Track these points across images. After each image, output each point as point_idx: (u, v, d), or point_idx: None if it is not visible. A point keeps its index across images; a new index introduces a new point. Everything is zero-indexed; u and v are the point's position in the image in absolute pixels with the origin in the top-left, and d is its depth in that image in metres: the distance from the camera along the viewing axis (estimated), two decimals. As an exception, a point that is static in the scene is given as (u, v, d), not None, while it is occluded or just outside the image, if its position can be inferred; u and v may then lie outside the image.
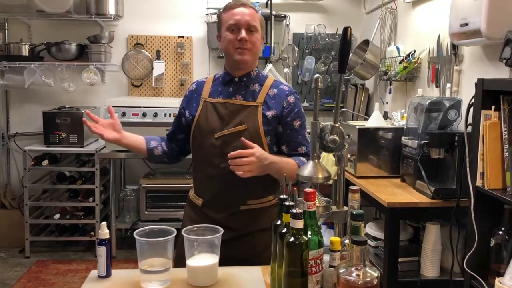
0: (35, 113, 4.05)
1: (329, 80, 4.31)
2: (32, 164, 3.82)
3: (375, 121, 2.85)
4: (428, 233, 2.32)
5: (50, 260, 3.81)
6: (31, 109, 4.19)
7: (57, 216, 3.87)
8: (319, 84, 1.33)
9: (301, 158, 1.77)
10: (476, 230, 1.74)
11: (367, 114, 3.85)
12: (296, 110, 1.79)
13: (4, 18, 4.12)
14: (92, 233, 3.85)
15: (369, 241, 2.70)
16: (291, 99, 1.79)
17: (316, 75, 1.35)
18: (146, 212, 3.85)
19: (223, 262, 1.48)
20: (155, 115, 3.70)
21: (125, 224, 3.92)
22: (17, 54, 3.98)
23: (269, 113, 1.75)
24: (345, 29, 1.26)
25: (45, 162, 3.82)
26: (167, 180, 3.86)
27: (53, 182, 3.98)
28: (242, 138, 1.64)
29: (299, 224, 1.13)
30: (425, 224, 2.38)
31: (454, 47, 2.58)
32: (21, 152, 3.89)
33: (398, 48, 3.18)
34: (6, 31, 4.16)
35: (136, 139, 1.86)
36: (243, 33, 1.71)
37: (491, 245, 1.73)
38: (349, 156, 2.76)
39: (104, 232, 1.40)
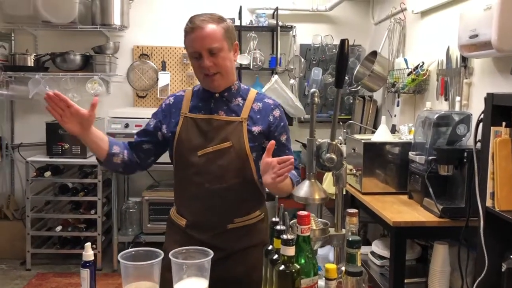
0: (39, 123, 4.02)
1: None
2: (35, 175, 3.79)
3: (381, 135, 2.75)
4: (436, 253, 2.22)
5: (51, 272, 3.75)
6: (35, 120, 4.17)
7: (59, 228, 3.83)
8: (316, 99, 1.26)
9: (293, 171, 1.66)
10: (486, 254, 1.64)
11: (375, 126, 3.76)
12: (282, 124, 1.71)
13: (11, 29, 4.12)
14: (94, 246, 3.79)
15: (375, 260, 2.61)
16: (276, 113, 1.71)
17: (312, 90, 1.28)
18: (148, 225, 3.79)
19: (213, 284, 1.40)
20: (159, 126, 3.63)
21: (128, 237, 3.85)
22: (22, 64, 3.98)
23: (255, 129, 1.66)
24: (342, 42, 1.19)
25: (48, 174, 3.78)
26: (170, 193, 3.71)
27: (55, 193, 3.93)
28: (271, 144, 1.50)
29: (290, 251, 1.05)
30: (433, 243, 2.27)
31: (464, 59, 2.49)
32: (25, 163, 3.86)
33: (406, 60, 3.09)
34: (12, 41, 4.17)
35: (99, 139, 1.63)
36: (205, 61, 1.58)
37: (503, 270, 1.63)
38: (354, 171, 2.67)
39: (88, 253, 1.33)
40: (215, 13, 1.66)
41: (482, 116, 1.70)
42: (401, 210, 2.29)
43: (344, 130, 3.51)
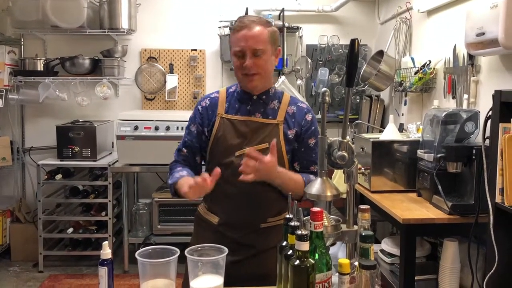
0: (49, 127, 4.07)
1: (343, 91, 4.25)
2: (46, 178, 3.84)
3: (389, 133, 2.77)
4: (446, 250, 2.23)
5: (63, 274, 3.79)
6: (45, 124, 4.22)
7: (70, 230, 3.88)
8: (326, 98, 1.28)
9: (310, 175, 1.70)
10: (496, 249, 1.65)
11: (383, 126, 3.78)
12: (312, 128, 1.75)
13: (20, 34, 4.18)
14: (105, 248, 3.82)
15: (384, 258, 2.62)
16: (309, 117, 1.75)
17: (323, 89, 1.30)
18: (158, 226, 3.82)
19: (244, 279, 1.45)
20: (167, 128, 3.68)
21: (138, 238, 3.88)
22: (32, 69, 4.03)
23: (290, 132, 1.71)
24: (353, 41, 1.21)
25: (59, 176, 3.83)
26: (179, 194, 3.82)
27: (66, 196, 3.98)
28: (273, 143, 1.54)
29: (305, 246, 1.08)
30: (443, 240, 2.29)
31: (471, 57, 2.50)
32: (36, 166, 3.92)
33: (412, 59, 3.10)
34: (22, 46, 4.22)
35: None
36: (248, 61, 1.62)
37: (513, 265, 1.64)
38: (363, 170, 2.69)
39: (106, 252, 1.36)
40: (263, 17, 1.72)
41: (490, 113, 1.71)
42: (410, 208, 2.31)
43: (352, 130, 3.53)
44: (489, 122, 1.72)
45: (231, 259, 1.37)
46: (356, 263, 1.20)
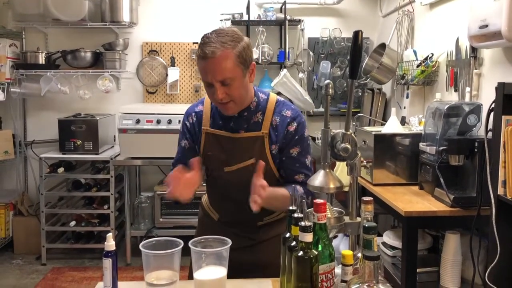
0: (51, 120, 4.08)
1: (345, 84, 4.25)
2: (48, 172, 3.85)
3: (391, 126, 2.77)
4: (448, 242, 2.24)
5: (66, 267, 3.81)
6: (47, 117, 4.23)
7: (73, 223, 3.89)
8: (329, 90, 1.28)
9: (297, 187, 1.63)
10: (498, 241, 1.66)
11: (384, 119, 3.77)
12: (296, 138, 1.65)
13: (21, 27, 4.17)
14: (107, 241, 3.84)
15: (386, 251, 2.63)
16: (291, 127, 1.65)
17: (327, 81, 1.30)
18: (161, 219, 3.84)
19: (244, 267, 1.47)
20: (169, 121, 3.68)
21: (140, 231, 3.90)
22: (33, 62, 4.03)
23: (274, 147, 1.65)
24: (356, 33, 1.21)
25: (61, 170, 3.84)
26: (181, 187, 3.83)
27: (68, 189, 3.99)
28: (260, 164, 1.51)
29: (308, 237, 1.08)
30: (445, 233, 2.30)
31: (474, 49, 2.50)
32: (38, 159, 3.93)
33: (415, 52, 3.10)
34: (23, 39, 4.22)
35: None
36: (217, 92, 1.51)
37: (515, 257, 1.65)
38: (365, 163, 2.68)
39: (110, 243, 1.37)
40: (228, 33, 1.52)
41: (493, 106, 1.71)
42: (412, 201, 2.31)
43: (354, 123, 3.52)
44: (491, 114, 1.72)
45: (232, 246, 1.38)
46: (359, 255, 1.21)
